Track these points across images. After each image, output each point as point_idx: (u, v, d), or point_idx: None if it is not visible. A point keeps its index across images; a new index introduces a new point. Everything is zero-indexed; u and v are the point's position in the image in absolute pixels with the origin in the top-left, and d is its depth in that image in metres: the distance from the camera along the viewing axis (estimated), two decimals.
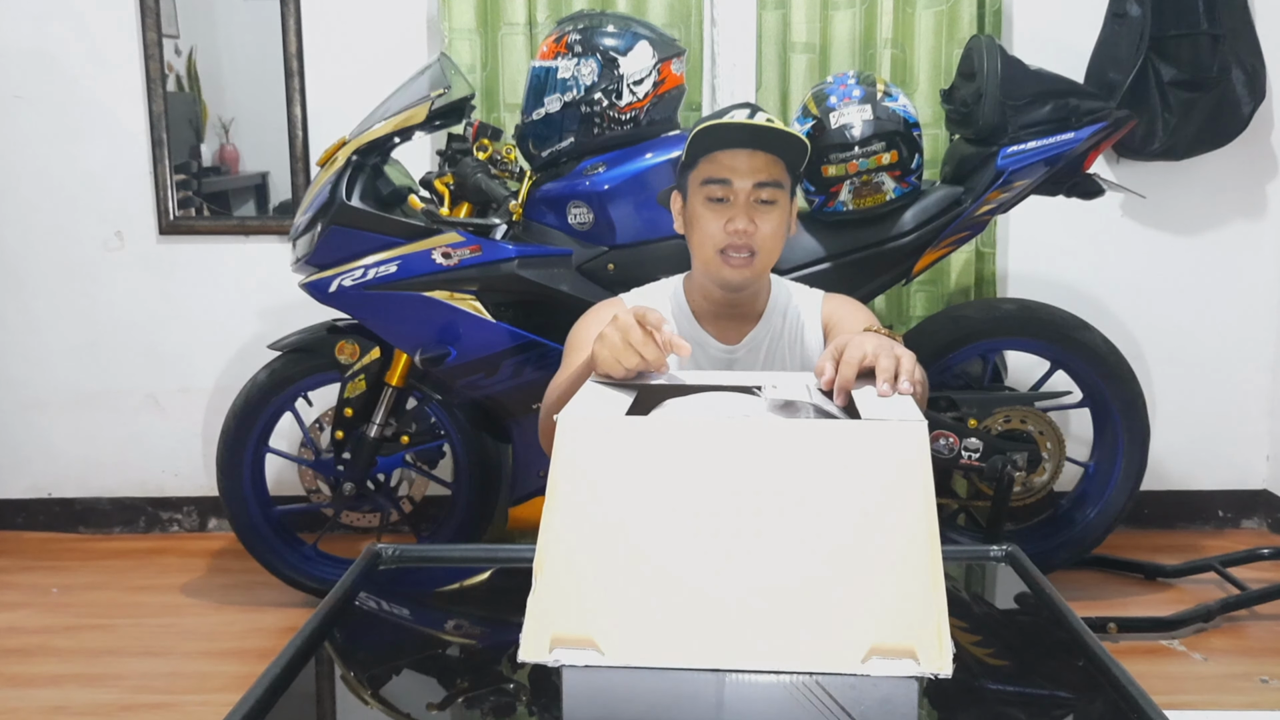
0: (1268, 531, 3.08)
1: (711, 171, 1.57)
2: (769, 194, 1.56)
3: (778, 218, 1.58)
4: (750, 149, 1.56)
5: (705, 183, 1.57)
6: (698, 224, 1.59)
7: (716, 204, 1.57)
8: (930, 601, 0.86)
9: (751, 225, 1.55)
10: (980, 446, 2.37)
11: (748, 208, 1.55)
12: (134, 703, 2.16)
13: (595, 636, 0.87)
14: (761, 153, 1.56)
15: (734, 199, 1.56)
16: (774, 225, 1.57)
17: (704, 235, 1.58)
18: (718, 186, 1.56)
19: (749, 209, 1.56)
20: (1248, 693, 2.16)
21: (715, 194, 1.56)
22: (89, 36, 2.91)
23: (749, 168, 1.55)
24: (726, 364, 1.65)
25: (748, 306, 1.66)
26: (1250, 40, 2.77)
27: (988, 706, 0.90)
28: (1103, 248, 2.97)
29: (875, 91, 2.33)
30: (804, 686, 0.85)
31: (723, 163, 1.56)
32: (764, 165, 1.56)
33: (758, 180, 1.55)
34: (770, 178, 1.56)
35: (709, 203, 1.57)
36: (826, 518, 0.89)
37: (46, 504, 3.14)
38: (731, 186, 1.55)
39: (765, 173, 1.56)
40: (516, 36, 2.78)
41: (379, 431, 2.49)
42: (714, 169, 1.56)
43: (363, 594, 1.13)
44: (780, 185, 1.57)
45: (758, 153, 1.56)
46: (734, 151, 1.56)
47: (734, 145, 1.56)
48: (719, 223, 1.56)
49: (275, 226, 2.99)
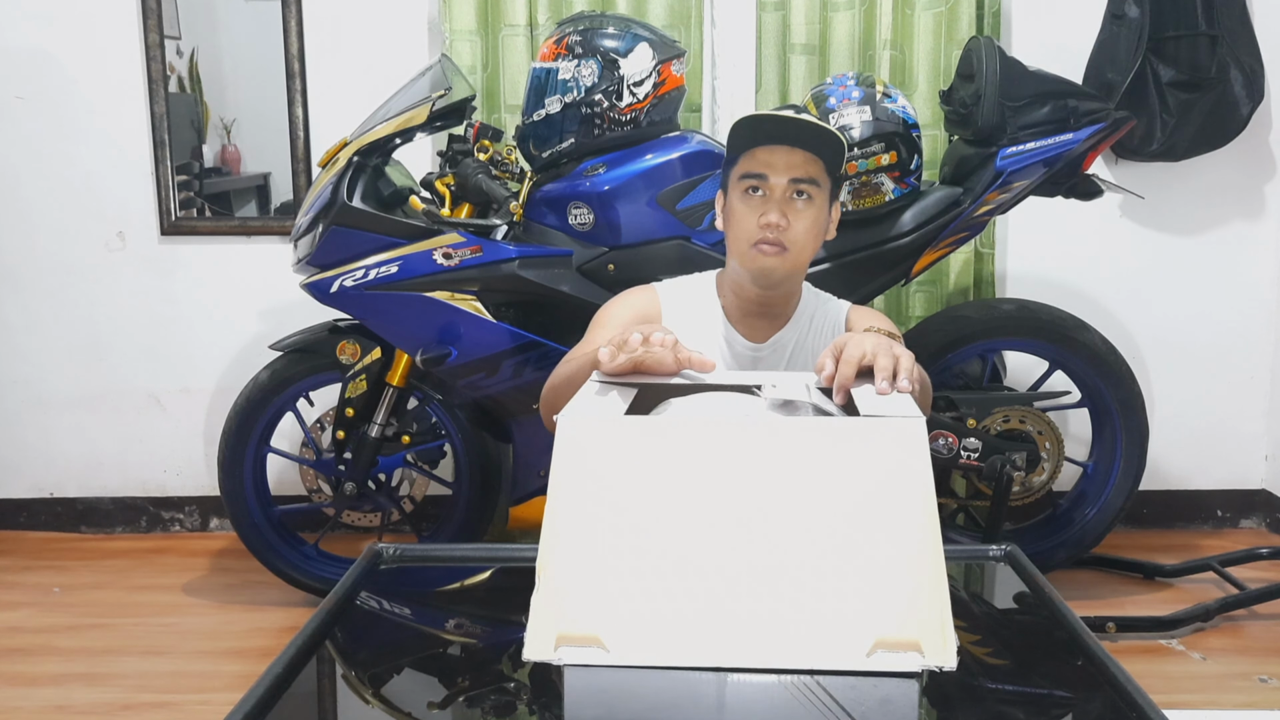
0: (1266, 531, 3.08)
1: (749, 166, 1.59)
2: (805, 190, 1.58)
3: (813, 215, 1.59)
4: (788, 145, 1.57)
5: (743, 177, 1.60)
6: (733, 217, 1.62)
7: (753, 196, 1.59)
8: (933, 595, 0.87)
9: (784, 220, 1.56)
10: (979, 446, 2.38)
11: (782, 202, 1.57)
12: (135, 702, 2.17)
13: (600, 635, 0.87)
14: (800, 150, 1.58)
15: (770, 193, 1.58)
16: (808, 222, 1.59)
17: (739, 228, 1.60)
18: (754, 180, 1.58)
19: (783, 204, 1.57)
20: (1246, 692, 2.16)
21: (752, 186, 1.59)
22: (91, 38, 2.91)
23: (785, 164, 1.57)
24: (752, 363, 1.66)
25: (779, 306, 1.67)
26: (1248, 41, 2.77)
27: (987, 706, 0.90)
28: (1102, 248, 2.97)
29: (874, 92, 2.34)
30: (804, 686, 0.85)
31: (760, 158, 1.58)
32: (801, 162, 1.57)
33: (793, 176, 1.57)
34: (806, 174, 1.58)
35: (746, 196, 1.60)
36: (827, 514, 0.89)
37: (48, 504, 3.14)
38: (768, 181, 1.57)
39: (801, 169, 1.57)
40: (517, 38, 2.78)
41: (380, 431, 2.49)
42: (751, 164, 1.59)
43: (364, 593, 1.13)
44: (816, 183, 1.59)
45: (795, 150, 1.57)
46: (772, 148, 1.58)
47: (772, 141, 1.58)
48: (753, 216, 1.58)
49: (277, 227, 2.99)
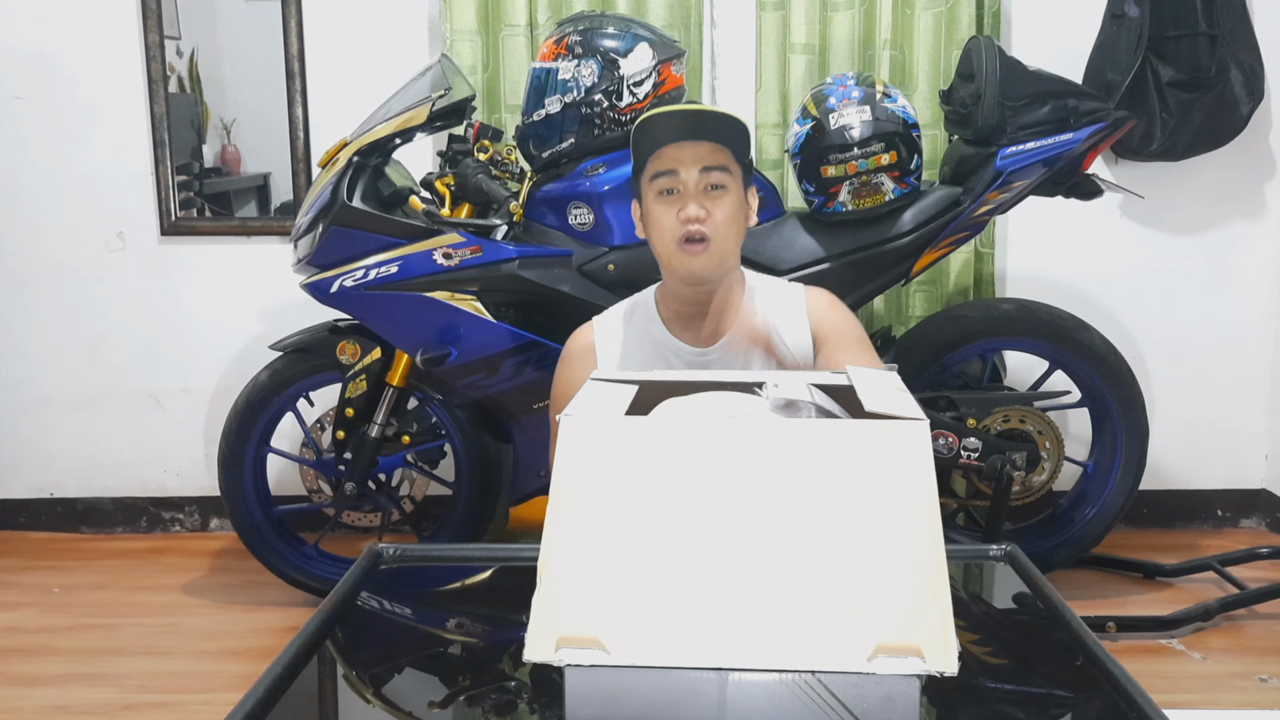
0: (1266, 530, 3.08)
1: (658, 166, 1.59)
2: (717, 178, 1.58)
3: (730, 204, 1.59)
4: (693, 140, 1.58)
5: (654, 178, 1.60)
6: (653, 221, 1.62)
7: (668, 197, 1.59)
8: (935, 599, 0.87)
9: (703, 211, 1.57)
10: (979, 446, 2.38)
11: (698, 195, 1.58)
12: (136, 702, 2.17)
13: (601, 636, 0.87)
14: (705, 142, 1.58)
15: (683, 189, 1.58)
16: (727, 211, 1.59)
17: (660, 230, 1.60)
18: (666, 179, 1.59)
19: (699, 196, 1.58)
20: (1246, 692, 2.16)
21: (665, 186, 1.59)
22: (90, 38, 2.91)
23: (693, 156, 1.58)
24: (701, 367, 1.63)
25: (718, 304, 1.65)
26: (1248, 41, 2.77)
27: (987, 705, 0.90)
28: (1101, 248, 2.97)
29: (874, 92, 2.34)
30: (806, 685, 0.85)
31: (667, 156, 1.59)
32: (708, 153, 1.58)
33: (703, 166, 1.57)
34: (716, 162, 1.58)
35: (661, 197, 1.60)
36: (830, 516, 0.89)
37: (48, 504, 3.14)
38: (679, 177, 1.58)
39: (710, 158, 1.58)
40: (517, 38, 2.78)
41: (380, 431, 2.49)
42: (660, 164, 1.59)
43: (364, 593, 1.13)
44: (727, 170, 1.59)
45: (701, 142, 1.58)
46: (677, 144, 1.58)
47: (675, 139, 1.58)
48: (671, 214, 1.58)
49: (277, 227, 2.99)
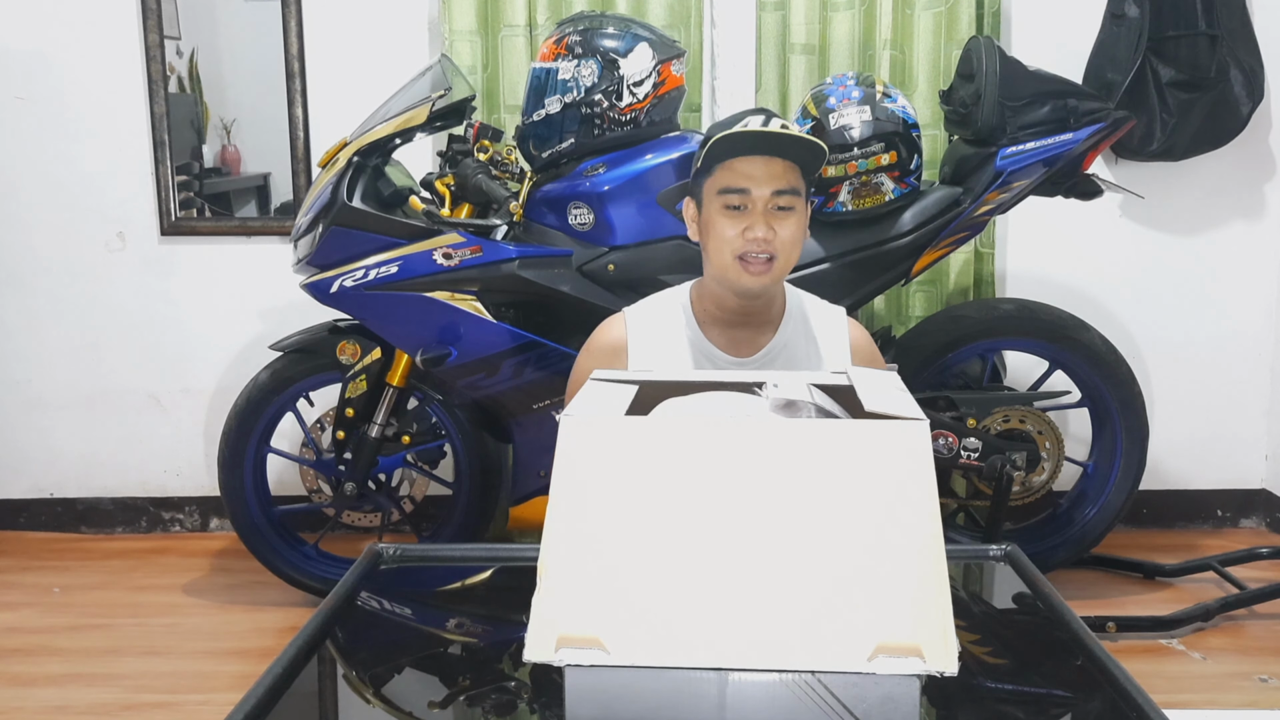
0: (1266, 530, 3.08)
1: (728, 180, 1.55)
2: (787, 200, 1.55)
3: (795, 223, 1.56)
4: (767, 155, 1.54)
5: (722, 191, 1.55)
6: (714, 231, 1.57)
7: (734, 211, 1.55)
8: (935, 599, 0.87)
9: (771, 232, 1.53)
10: (979, 446, 2.38)
11: (766, 215, 1.54)
12: (136, 702, 2.17)
13: (601, 636, 0.87)
14: (779, 159, 1.54)
15: (752, 206, 1.54)
16: (792, 231, 1.56)
17: (721, 242, 1.56)
18: (735, 195, 1.54)
19: (767, 216, 1.54)
20: (1246, 692, 2.16)
21: (733, 202, 1.55)
22: (90, 38, 2.91)
23: (766, 175, 1.53)
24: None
25: (761, 314, 1.63)
26: (1248, 41, 2.77)
27: (987, 705, 0.90)
28: (1102, 248, 2.97)
29: (874, 92, 2.34)
30: (806, 684, 0.85)
31: (740, 170, 1.54)
32: (781, 172, 1.54)
33: (776, 188, 1.54)
34: (788, 185, 1.54)
35: (726, 210, 1.55)
36: (830, 516, 0.89)
37: (48, 504, 3.14)
38: (749, 195, 1.54)
39: (783, 180, 1.54)
40: (517, 38, 2.78)
41: (380, 431, 2.49)
42: (731, 177, 1.55)
43: (364, 593, 1.13)
44: (797, 192, 1.56)
45: (775, 159, 1.54)
46: (751, 159, 1.54)
47: (751, 152, 1.54)
48: (737, 229, 1.54)
49: (277, 227, 2.99)
